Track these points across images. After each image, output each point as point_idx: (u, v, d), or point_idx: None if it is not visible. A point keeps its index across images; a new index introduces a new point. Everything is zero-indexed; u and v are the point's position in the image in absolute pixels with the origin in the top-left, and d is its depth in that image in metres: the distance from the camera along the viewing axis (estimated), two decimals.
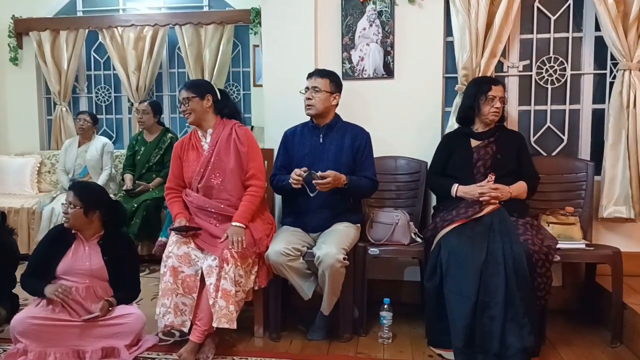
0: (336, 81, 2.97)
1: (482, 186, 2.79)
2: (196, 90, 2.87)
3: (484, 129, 2.98)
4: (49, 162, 5.10)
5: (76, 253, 2.72)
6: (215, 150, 2.84)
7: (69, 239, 2.74)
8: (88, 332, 2.59)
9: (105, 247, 2.74)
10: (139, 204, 4.15)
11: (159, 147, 4.48)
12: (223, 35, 4.95)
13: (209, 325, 2.61)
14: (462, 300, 2.51)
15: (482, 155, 2.91)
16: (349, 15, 3.36)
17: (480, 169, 2.89)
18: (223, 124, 2.91)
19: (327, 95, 2.92)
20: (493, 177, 2.81)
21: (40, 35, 5.15)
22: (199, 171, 2.84)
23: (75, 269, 2.69)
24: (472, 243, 2.59)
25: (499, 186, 2.78)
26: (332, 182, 2.72)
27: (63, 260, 2.70)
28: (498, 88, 2.92)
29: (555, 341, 2.82)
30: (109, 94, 5.43)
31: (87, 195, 2.70)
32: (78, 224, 2.69)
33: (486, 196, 2.75)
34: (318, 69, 3.02)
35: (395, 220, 2.93)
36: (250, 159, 2.85)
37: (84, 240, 2.74)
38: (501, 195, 2.76)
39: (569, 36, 3.42)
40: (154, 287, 3.65)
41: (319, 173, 2.73)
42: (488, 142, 2.94)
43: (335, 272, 2.66)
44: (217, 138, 2.87)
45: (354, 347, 2.80)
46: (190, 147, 2.92)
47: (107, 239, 2.77)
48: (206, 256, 2.69)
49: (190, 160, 2.89)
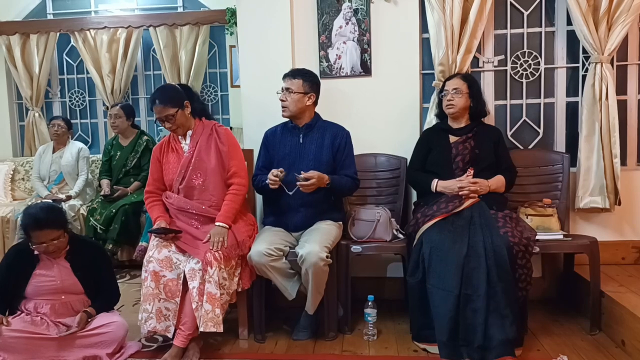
0: (311, 80, 2.94)
1: (462, 180, 2.82)
2: (175, 103, 2.75)
3: (458, 124, 3.01)
4: (23, 169, 4.98)
5: (44, 273, 2.61)
6: (195, 151, 2.81)
7: (31, 258, 2.60)
8: (68, 343, 2.55)
9: (74, 262, 2.64)
10: (118, 209, 4.09)
11: (135, 150, 4.41)
12: (199, 36, 4.91)
13: (193, 329, 2.59)
14: (445, 294, 2.53)
15: (460, 151, 2.94)
16: (325, 14, 3.35)
17: (459, 164, 2.91)
18: (202, 125, 2.88)
19: (301, 96, 2.90)
20: (472, 172, 2.84)
21: (10, 39, 5.03)
22: (180, 172, 2.81)
23: (46, 288, 2.60)
24: (453, 237, 2.62)
25: (478, 180, 2.81)
26: (315, 182, 2.72)
27: (30, 282, 2.59)
28: (451, 82, 2.99)
29: (536, 331, 2.86)
30: (83, 98, 5.33)
31: (61, 217, 2.61)
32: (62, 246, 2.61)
33: (465, 190, 2.78)
34: (292, 70, 3.01)
35: (377, 217, 2.94)
36: (232, 157, 2.83)
37: (50, 258, 2.62)
38: (480, 189, 2.79)
39: (541, 31, 3.46)
40: (135, 292, 3.62)
41: (302, 174, 2.71)
42: (466, 138, 2.96)
43: (319, 271, 2.66)
44: (197, 139, 2.84)
45: (340, 346, 2.80)
46: (169, 149, 2.89)
47: (75, 253, 2.66)
48: (188, 259, 2.66)
49: (171, 162, 2.86)
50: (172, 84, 3.08)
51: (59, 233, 2.53)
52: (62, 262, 2.64)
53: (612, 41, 3.15)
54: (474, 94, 2.97)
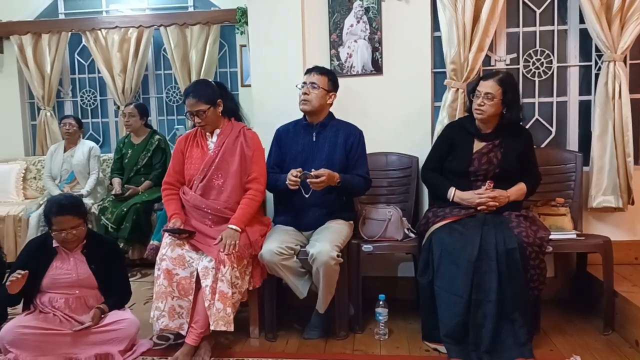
0: (334, 80, 2.96)
1: (481, 195, 2.73)
2: (209, 100, 2.77)
3: (486, 129, 2.84)
4: (35, 168, 5.01)
5: (60, 266, 2.65)
6: (221, 151, 2.81)
7: (49, 251, 2.66)
8: (81, 340, 2.56)
9: (90, 256, 2.69)
10: (129, 208, 4.10)
11: (146, 149, 4.43)
12: (209, 36, 4.91)
13: (205, 328, 2.60)
14: (453, 298, 2.51)
15: (483, 164, 2.79)
16: (336, 13, 3.35)
17: (480, 178, 2.81)
18: (231, 126, 2.89)
19: (324, 93, 2.90)
20: (492, 185, 2.75)
21: (22, 39, 5.06)
22: (202, 170, 2.81)
23: (61, 281, 2.64)
24: (463, 240, 2.58)
25: (497, 195, 2.73)
26: (326, 180, 2.71)
27: (47, 274, 2.63)
28: (485, 83, 2.75)
29: (548, 331, 2.84)
30: (94, 98, 5.36)
31: (83, 207, 2.69)
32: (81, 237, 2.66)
33: (484, 206, 2.73)
34: (318, 66, 2.99)
35: (388, 217, 2.93)
36: (255, 163, 2.84)
37: (67, 251, 2.67)
38: (499, 204, 2.73)
39: (554, 29, 3.44)
40: (146, 291, 3.64)
41: (312, 172, 2.71)
42: (492, 147, 2.80)
43: (330, 270, 2.65)
44: (224, 139, 2.84)
45: (351, 345, 2.80)
46: (195, 143, 2.89)
47: (91, 247, 2.71)
48: (201, 257, 2.67)
49: (194, 157, 2.86)
50: (209, 80, 3.07)
51: (79, 222, 2.60)
52: (78, 255, 2.68)
53: (625, 39, 3.13)
54: (508, 101, 2.72)
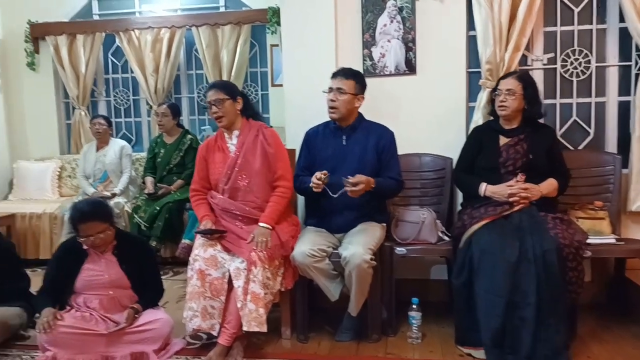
0: (361, 82, 2.90)
1: (512, 186, 2.71)
2: (229, 92, 2.83)
3: (510, 125, 2.89)
4: (70, 166, 5.11)
5: (92, 267, 2.69)
6: (242, 152, 2.82)
7: (80, 254, 2.70)
8: (116, 339, 2.60)
9: (121, 256, 2.73)
10: (161, 207, 4.15)
11: (179, 149, 4.48)
12: (240, 36, 4.93)
13: (237, 328, 2.61)
14: (493, 299, 2.48)
15: (511, 155, 2.82)
16: (369, 12, 3.32)
17: (510, 168, 2.80)
18: (249, 126, 2.89)
19: (352, 98, 2.85)
20: (523, 178, 2.73)
21: (57, 39, 5.15)
22: (225, 173, 2.83)
23: (94, 283, 2.68)
24: (503, 241, 2.55)
25: (529, 186, 2.71)
26: (364, 187, 2.66)
27: (80, 276, 2.68)
28: (505, 81, 2.84)
29: (585, 337, 2.78)
30: (127, 97, 5.43)
31: (106, 211, 2.72)
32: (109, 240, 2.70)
33: (516, 197, 2.69)
34: (344, 69, 2.94)
35: (422, 219, 2.89)
36: (278, 160, 2.83)
37: (98, 253, 2.70)
38: (531, 196, 2.69)
39: (593, 28, 3.36)
40: (179, 289, 3.67)
41: (349, 179, 2.66)
42: (518, 140, 2.84)
43: (363, 273, 2.63)
44: (243, 139, 2.85)
45: (383, 348, 2.78)
46: (216, 148, 2.91)
47: (122, 248, 2.74)
48: (233, 258, 2.68)
49: (217, 161, 2.88)
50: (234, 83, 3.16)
51: (104, 226, 2.62)
52: (109, 256, 2.71)
53: None
54: (529, 96, 2.82)
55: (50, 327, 2.49)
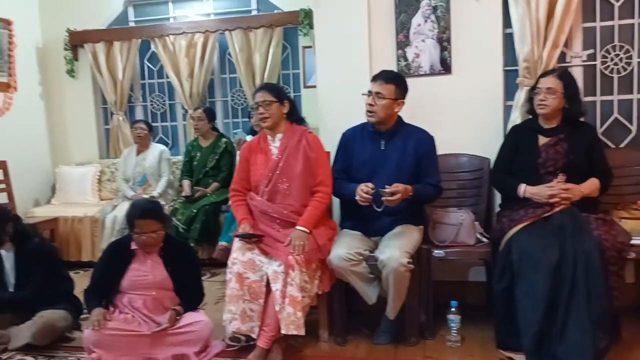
0: (402, 86, 2.85)
1: (552, 187, 2.65)
2: (277, 95, 2.87)
3: (549, 125, 2.82)
4: (109, 170, 5.22)
5: (139, 268, 2.77)
6: (284, 156, 2.84)
7: (128, 254, 2.78)
8: (159, 341, 2.65)
9: (167, 258, 2.79)
10: (198, 209, 4.22)
11: (214, 152, 4.55)
12: (272, 38, 4.95)
13: (276, 331, 2.63)
14: (534, 303, 2.43)
15: (551, 155, 2.75)
16: (403, 12, 3.29)
17: (550, 169, 2.74)
18: (292, 130, 2.91)
19: (391, 103, 2.81)
20: (564, 178, 2.67)
21: (95, 46, 5.26)
22: (267, 175, 2.85)
23: (139, 282, 2.75)
24: (543, 243, 2.50)
25: (570, 186, 2.64)
26: (401, 196, 2.64)
27: (126, 276, 2.75)
28: (545, 80, 2.78)
29: (629, 341, 2.71)
30: (163, 102, 5.51)
31: (163, 212, 2.83)
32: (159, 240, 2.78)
33: (556, 198, 2.62)
34: (384, 72, 2.89)
35: (460, 221, 2.86)
36: (320, 166, 2.84)
37: (145, 254, 2.78)
38: (572, 196, 2.63)
39: (634, 22, 3.26)
40: (216, 290, 3.72)
41: (386, 189, 2.64)
42: (558, 140, 2.77)
43: (400, 276, 2.61)
44: (286, 143, 2.87)
45: (422, 351, 2.76)
46: (258, 150, 2.93)
47: (168, 250, 2.81)
48: (271, 261, 2.70)
49: (258, 163, 2.90)
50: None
51: (159, 227, 2.72)
52: (156, 258, 2.79)
53: None
54: (570, 95, 2.76)
55: (100, 325, 2.58)
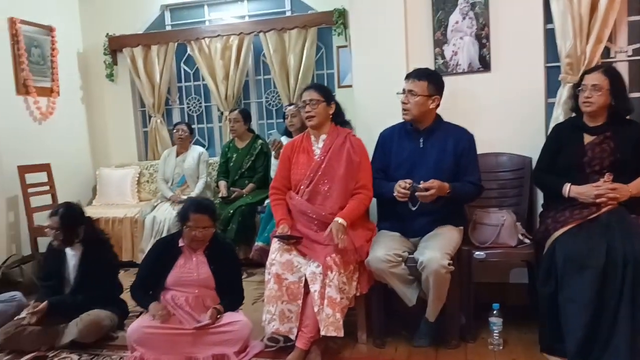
0: (436, 82, 2.82)
1: (599, 187, 2.56)
2: (325, 95, 2.89)
3: (595, 122, 2.72)
4: (147, 172, 5.32)
5: (184, 264, 2.82)
6: (327, 157, 2.84)
7: (175, 250, 2.85)
8: (199, 340, 2.68)
9: (211, 257, 2.84)
10: (235, 210, 4.26)
11: (250, 153, 4.59)
12: (306, 39, 4.94)
13: (314, 332, 2.62)
14: (579, 308, 2.37)
15: (597, 153, 2.66)
16: (440, 10, 3.25)
17: (596, 168, 2.65)
18: (337, 131, 2.91)
19: (424, 99, 2.78)
20: (611, 177, 2.58)
21: (133, 51, 5.36)
22: (308, 175, 2.85)
23: (184, 279, 2.80)
24: (589, 246, 2.42)
25: (617, 186, 2.55)
26: (435, 193, 2.61)
27: (172, 272, 2.81)
28: (590, 76, 2.69)
29: None
30: (199, 104, 5.58)
31: (216, 211, 2.94)
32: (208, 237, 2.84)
33: (603, 197, 2.54)
34: (417, 70, 2.87)
35: (501, 221, 2.79)
36: (362, 170, 2.83)
37: (191, 251, 2.83)
38: (620, 196, 2.54)
39: None
40: (253, 291, 3.74)
41: (421, 184, 2.61)
42: (604, 138, 2.68)
43: (440, 278, 2.57)
44: (330, 144, 2.87)
45: (463, 354, 2.71)
46: (301, 149, 2.94)
47: (213, 249, 2.86)
48: (309, 262, 2.69)
49: (300, 163, 2.91)
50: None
51: (211, 224, 2.80)
52: (201, 256, 2.84)
53: None
54: (616, 91, 2.66)
55: (164, 317, 2.66)
